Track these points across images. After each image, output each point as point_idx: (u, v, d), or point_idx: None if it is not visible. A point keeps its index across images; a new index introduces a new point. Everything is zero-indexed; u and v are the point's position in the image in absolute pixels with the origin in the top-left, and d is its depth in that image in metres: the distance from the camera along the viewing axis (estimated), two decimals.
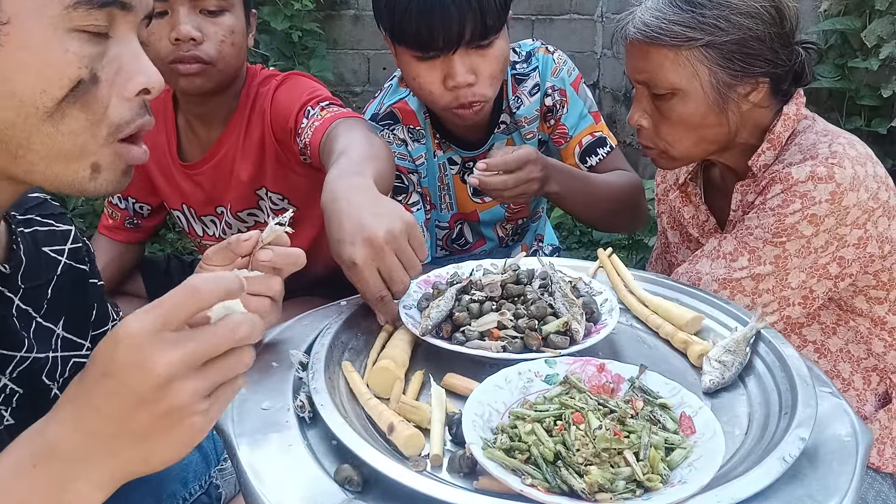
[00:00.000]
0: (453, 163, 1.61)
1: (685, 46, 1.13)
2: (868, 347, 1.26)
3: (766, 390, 0.86)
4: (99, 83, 0.69)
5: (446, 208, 1.67)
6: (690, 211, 1.36)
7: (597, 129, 1.58)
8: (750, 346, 0.92)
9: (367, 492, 0.70)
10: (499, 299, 0.98)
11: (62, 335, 0.89)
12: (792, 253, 1.13)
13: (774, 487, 0.66)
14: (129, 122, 0.71)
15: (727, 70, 1.13)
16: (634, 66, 1.19)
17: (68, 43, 0.66)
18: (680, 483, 0.67)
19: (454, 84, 1.33)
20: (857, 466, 0.71)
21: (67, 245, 0.93)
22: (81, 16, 0.66)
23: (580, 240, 3.18)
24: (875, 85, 2.35)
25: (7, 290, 0.82)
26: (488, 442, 0.71)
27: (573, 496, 0.66)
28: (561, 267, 1.07)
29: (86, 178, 0.71)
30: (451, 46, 1.30)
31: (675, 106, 1.17)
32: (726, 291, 1.16)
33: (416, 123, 1.56)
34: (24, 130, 0.67)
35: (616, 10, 4.14)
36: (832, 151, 1.12)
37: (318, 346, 0.90)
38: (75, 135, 0.69)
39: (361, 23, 3.66)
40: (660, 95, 1.18)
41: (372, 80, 3.89)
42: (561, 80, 1.57)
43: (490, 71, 1.36)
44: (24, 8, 0.64)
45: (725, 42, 1.12)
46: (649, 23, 1.14)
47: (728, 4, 1.11)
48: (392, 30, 1.33)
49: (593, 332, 0.93)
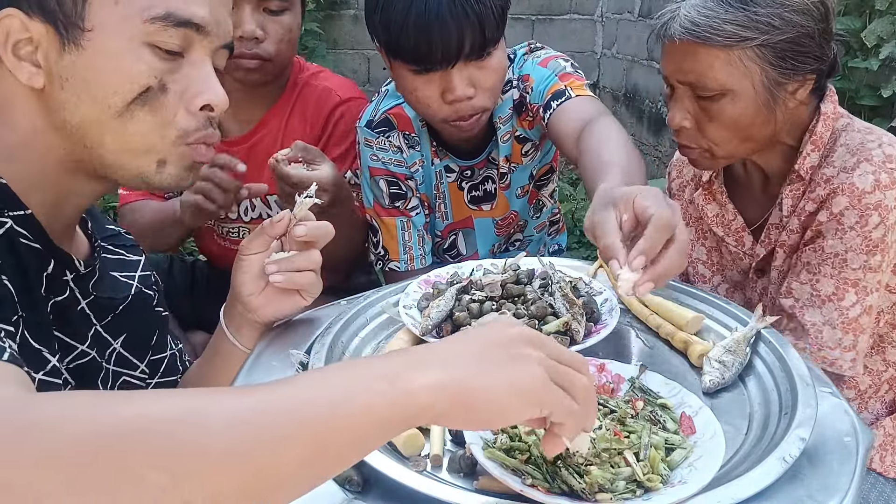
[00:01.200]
0: (450, 170, 1.58)
1: (738, 46, 1.09)
2: (884, 357, 1.26)
3: (766, 390, 0.86)
4: (167, 93, 0.78)
5: (441, 217, 1.64)
6: (714, 209, 1.34)
7: (557, 87, 1.39)
8: (750, 346, 0.92)
9: (367, 492, 0.69)
10: (499, 299, 0.98)
11: (118, 350, 0.93)
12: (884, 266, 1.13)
13: (774, 488, 0.66)
14: (194, 131, 0.81)
15: (778, 69, 1.10)
16: (679, 68, 1.15)
17: (142, 54, 0.75)
18: (680, 483, 0.67)
19: (453, 98, 1.30)
20: (858, 466, 0.71)
21: (138, 272, 1.00)
22: (157, 31, 0.75)
23: (580, 240, 3.18)
24: (875, 85, 2.35)
25: (78, 291, 0.86)
26: (488, 442, 0.71)
27: (573, 496, 0.66)
28: (561, 267, 1.07)
29: (152, 171, 0.81)
30: (450, 61, 1.26)
31: (724, 106, 1.13)
32: (849, 336, 1.14)
33: (412, 130, 1.53)
34: (98, 127, 0.77)
35: (616, 10, 4.14)
36: (887, 155, 1.11)
37: (318, 346, 0.90)
38: (142, 134, 0.78)
39: (361, 23, 3.64)
40: (707, 96, 1.14)
41: (372, 80, 3.89)
42: (527, 67, 1.47)
43: (489, 83, 1.33)
44: (107, 19, 0.74)
45: (780, 41, 1.09)
46: (699, 22, 1.09)
47: (781, 2, 1.08)
48: (388, 45, 1.30)
49: (593, 332, 0.93)
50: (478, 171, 1.58)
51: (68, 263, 0.84)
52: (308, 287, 0.93)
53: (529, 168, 1.59)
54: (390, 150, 1.53)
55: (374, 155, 1.53)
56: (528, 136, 1.53)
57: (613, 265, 0.78)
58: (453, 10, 1.22)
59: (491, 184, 1.60)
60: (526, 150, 1.55)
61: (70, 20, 0.74)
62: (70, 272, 0.85)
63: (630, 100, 4.13)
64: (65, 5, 0.73)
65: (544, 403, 0.56)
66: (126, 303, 0.94)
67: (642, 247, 0.77)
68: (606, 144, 1.12)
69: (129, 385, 0.96)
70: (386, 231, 1.57)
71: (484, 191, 1.61)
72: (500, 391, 0.54)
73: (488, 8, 1.25)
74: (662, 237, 0.78)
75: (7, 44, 0.74)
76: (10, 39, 0.74)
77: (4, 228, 0.74)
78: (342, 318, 0.97)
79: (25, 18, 0.73)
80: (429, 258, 1.60)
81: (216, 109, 0.82)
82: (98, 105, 0.76)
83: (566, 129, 1.30)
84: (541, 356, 0.57)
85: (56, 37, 0.74)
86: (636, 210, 0.80)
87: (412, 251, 1.57)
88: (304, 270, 0.91)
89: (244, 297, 0.93)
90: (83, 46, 0.74)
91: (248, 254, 0.92)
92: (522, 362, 0.56)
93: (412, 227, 1.57)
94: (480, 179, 1.60)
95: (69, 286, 0.85)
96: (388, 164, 1.53)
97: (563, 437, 0.60)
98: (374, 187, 1.55)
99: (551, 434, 0.60)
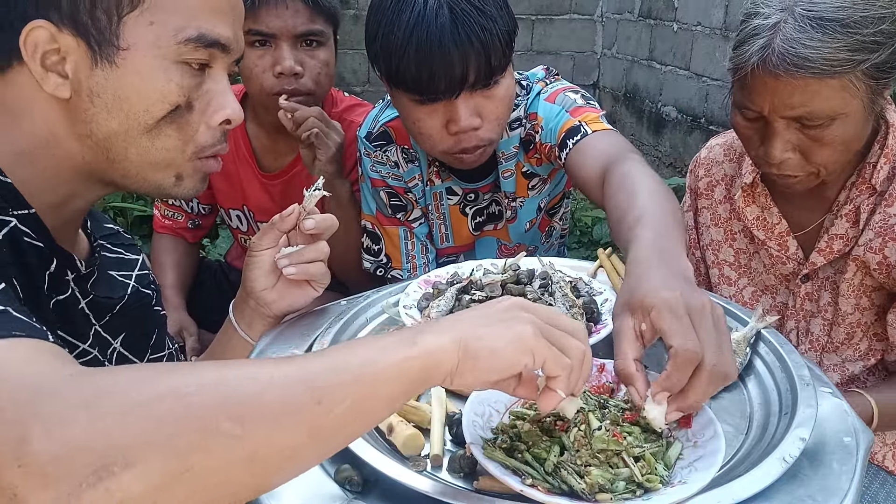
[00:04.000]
0: (452, 193, 1.50)
1: (851, 71, 1.03)
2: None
3: (766, 390, 0.86)
4: (193, 111, 0.81)
5: (440, 239, 1.57)
6: (755, 212, 1.30)
7: (571, 123, 1.30)
8: (750, 346, 0.92)
9: (367, 492, 0.69)
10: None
11: (118, 350, 0.94)
12: None
13: (774, 487, 0.66)
14: (211, 146, 0.84)
15: (880, 81, 1.07)
16: (786, 103, 1.07)
17: (173, 73, 0.78)
18: (680, 483, 0.67)
19: (458, 129, 1.23)
20: (858, 467, 0.71)
21: (135, 271, 1.01)
22: (189, 51, 0.78)
23: (580, 240, 3.18)
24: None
25: (78, 290, 0.86)
26: (488, 442, 0.71)
27: (573, 496, 0.66)
28: (561, 267, 1.07)
29: (171, 184, 0.84)
30: (454, 90, 1.18)
31: (835, 130, 1.08)
32: None
33: (410, 145, 1.46)
34: (124, 141, 0.78)
35: (616, 10, 4.15)
36: None
37: (319, 345, 0.90)
38: (167, 150, 0.81)
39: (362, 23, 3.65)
40: (816, 125, 1.08)
41: (372, 80, 3.89)
42: (535, 103, 1.39)
43: (496, 113, 1.25)
44: (142, 39, 0.76)
45: (886, 55, 1.04)
46: (810, 56, 1.02)
47: (878, 16, 1.03)
48: (389, 74, 1.23)
49: (593, 332, 0.93)
50: (482, 195, 1.51)
51: (70, 263, 0.85)
52: (319, 277, 0.98)
53: (537, 200, 1.51)
54: (387, 165, 1.49)
55: (373, 166, 1.50)
56: (535, 171, 1.45)
57: (634, 395, 0.73)
58: (457, 37, 1.15)
59: (496, 206, 1.53)
60: (533, 185, 1.47)
61: (104, 37, 0.75)
62: (71, 272, 0.85)
63: (630, 100, 4.13)
64: (99, 22, 0.74)
65: (536, 351, 0.63)
66: (123, 302, 0.95)
67: (664, 385, 0.71)
68: (634, 198, 0.98)
69: None
70: (388, 240, 1.55)
71: (489, 213, 1.54)
72: (497, 339, 0.62)
73: (494, 35, 1.17)
74: (685, 373, 0.71)
75: (35, 54, 0.74)
76: (38, 50, 0.74)
77: (9, 227, 0.74)
78: (342, 318, 0.97)
79: (55, 30, 0.74)
80: (432, 266, 1.55)
81: (233, 123, 0.85)
82: (129, 121, 0.77)
83: (588, 173, 1.20)
84: (532, 317, 0.64)
85: (87, 51, 0.75)
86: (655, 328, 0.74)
87: (415, 260, 1.55)
88: (314, 261, 0.96)
89: (258, 292, 0.98)
90: (117, 64, 0.75)
91: (259, 250, 0.97)
92: (516, 321, 0.64)
93: (415, 236, 1.55)
94: (487, 203, 1.53)
95: (70, 285, 0.85)
96: (387, 178, 1.50)
97: (557, 391, 0.65)
98: (376, 196, 1.53)
99: (546, 390, 0.66)
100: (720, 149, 1.38)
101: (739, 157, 1.33)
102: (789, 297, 1.30)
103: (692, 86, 3.43)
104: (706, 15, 3.25)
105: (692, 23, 3.37)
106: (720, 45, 3.15)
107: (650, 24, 3.78)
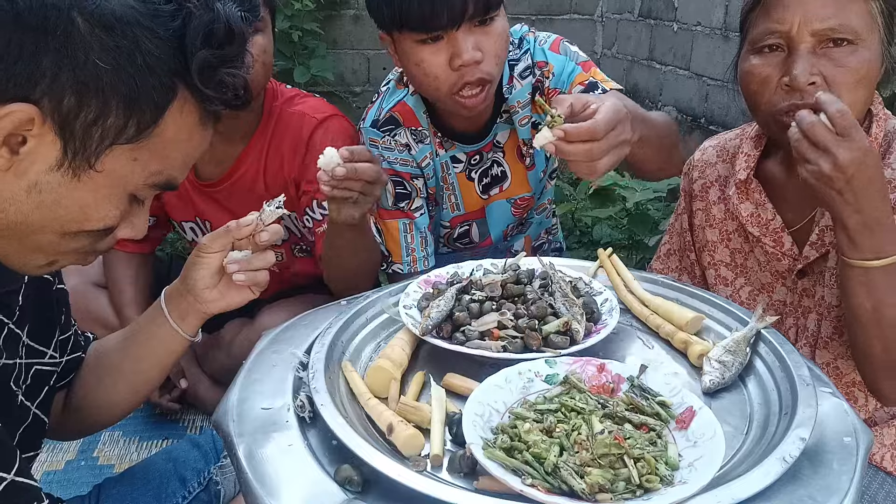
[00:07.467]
0: (456, 161, 1.59)
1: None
2: None
3: (766, 390, 0.86)
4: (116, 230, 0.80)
5: (451, 208, 1.66)
6: (749, 208, 1.30)
7: (586, 77, 1.46)
8: (750, 346, 0.92)
9: (367, 492, 0.70)
10: (499, 299, 0.98)
11: (26, 342, 0.92)
12: None
13: (774, 487, 0.66)
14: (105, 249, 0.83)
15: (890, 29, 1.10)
16: (818, 13, 1.08)
17: (122, 202, 0.77)
18: (680, 483, 0.67)
19: (461, 62, 1.31)
20: (858, 466, 0.71)
21: None
22: (146, 189, 0.79)
23: (580, 240, 3.18)
24: None
25: None
26: (488, 442, 0.71)
27: (573, 496, 0.66)
28: (561, 267, 1.07)
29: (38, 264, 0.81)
30: (456, 21, 1.28)
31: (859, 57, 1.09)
32: None
33: (418, 124, 1.54)
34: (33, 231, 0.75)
35: (616, 10, 4.14)
36: None
37: (318, 345, 0.90)
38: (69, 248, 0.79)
39: (361, 23, 3.66)
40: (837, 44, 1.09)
41: (372, 80, 3.89)
42: (540, 52, 1.52)
43: (495, 49, 1.35)
44: (118, 169, 0.75)
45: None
46: None
47: None
48: (392, 17, 1.31)
49: (593, 332, 0.93)
50: (485, 154, 1.59)
51: None
52: (262, 284, 1.01)
53: None
54: (396, 150, 1.53)
55: (379, 155, 1.52)
56: (541, 121, 1.53)
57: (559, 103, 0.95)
58: None
59: (498, 167, 1.61)
60: None
61: (84, 152, 0.72)
62: None
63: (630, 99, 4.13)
64: (89, 139, 0.71)
65: None
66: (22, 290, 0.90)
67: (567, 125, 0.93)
68: None
69: (41, 374, 0.94)
70: (388, 234, 1.57)
71: (493, 175, 1.63)
72: None
73: None
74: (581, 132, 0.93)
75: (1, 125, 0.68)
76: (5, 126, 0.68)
77: None
78: (342, 318, 0.97)
79: (38, 118, 0.69)
80: (432, 260, 1.61)
81: None
82: (53, 222, 0.75)
83: None
84: None
85: (59, 154, 0.71)
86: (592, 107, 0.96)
87: (415, 253, 1.58)
88: (260, 270, 0.99)
89: (199, 290, 1.00)
90: (79, 178, 0.73)
91: (207, 252, 0.99)
92: None
93: (415, 228, 1.57)
94: (489, 164, 1.61)
95: None
96: (394, 164, 1.54)
97: None
98: None
99: None
100: (713, 150, 1.38)
101: (732, 158, 1.34)
102: (787, 294, 1.30)
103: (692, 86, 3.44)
104: (706, 15, 3.25)
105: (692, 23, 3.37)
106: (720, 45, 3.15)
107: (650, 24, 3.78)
